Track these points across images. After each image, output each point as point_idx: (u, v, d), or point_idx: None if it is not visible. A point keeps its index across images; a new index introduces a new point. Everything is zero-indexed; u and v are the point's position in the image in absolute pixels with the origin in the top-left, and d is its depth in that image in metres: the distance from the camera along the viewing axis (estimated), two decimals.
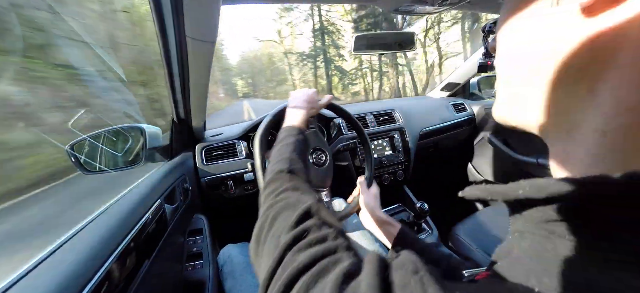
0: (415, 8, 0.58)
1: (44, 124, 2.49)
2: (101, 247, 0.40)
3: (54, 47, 2.47)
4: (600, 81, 0.15)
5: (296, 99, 0.61)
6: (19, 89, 2.32)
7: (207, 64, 0.60)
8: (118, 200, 0.55)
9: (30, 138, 2.34)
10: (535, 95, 0.19)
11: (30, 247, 0.42)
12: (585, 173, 0.15)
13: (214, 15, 0.46)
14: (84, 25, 2.62)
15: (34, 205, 2.21)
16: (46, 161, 2.33)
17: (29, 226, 1.92)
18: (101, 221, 0.46)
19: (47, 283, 0.32)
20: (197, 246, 0.77)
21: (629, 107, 0.14)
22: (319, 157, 0.71)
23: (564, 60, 0.16)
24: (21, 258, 0.35)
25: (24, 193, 2.21)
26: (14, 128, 2.34)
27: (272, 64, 31.76)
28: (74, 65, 2.60)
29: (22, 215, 2.10)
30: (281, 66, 29.43)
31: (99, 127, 0.67)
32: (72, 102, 2.62)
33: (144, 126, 0.72)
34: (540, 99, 0.18)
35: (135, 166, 0.71)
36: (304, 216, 0.26)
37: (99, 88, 2.62)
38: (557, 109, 0.18)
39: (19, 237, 1.79)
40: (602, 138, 0.15)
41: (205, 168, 0.91)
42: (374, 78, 15.56)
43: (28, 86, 2.36)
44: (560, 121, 0.18)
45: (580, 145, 0.17)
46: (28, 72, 2.35)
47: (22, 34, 1.96)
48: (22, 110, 2.33)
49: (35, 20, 2.25)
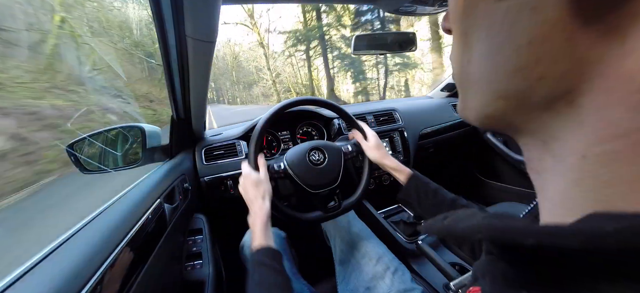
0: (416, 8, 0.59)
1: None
2: (100, 247, 0.40)
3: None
4: (585, 97, 0.12)
5: (248, 201, 0.60)
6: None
7: (207, 64, 0.60)
8: (118, 199, 0.55)
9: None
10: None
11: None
12: (561, 197, 0.14)
13: (214, 15, 0.46)
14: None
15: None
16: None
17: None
18: (101, 221, 0.46)
19: (47, 282, 0.32)
20: (196, 246, 0.76)
21: (618, 134, 0.11)
22: (318, 157, 0.71)
23: (543, 67, 0.13)
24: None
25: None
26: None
27: (238, 64, 29.15)
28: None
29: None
30: (249, 65, 26.59)
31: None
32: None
33: (144, 125, 0.72)
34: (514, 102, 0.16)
35: (134, 166, 0.71)
36: None
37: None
38: (528, 118, 0.15)
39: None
40: (582, 161, 0.13)
41: (205, 168, 0.91)
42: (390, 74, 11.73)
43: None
44: (534, 130, 0.15)
45: (558, 162, 0.14)
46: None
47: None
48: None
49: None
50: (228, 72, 31.26)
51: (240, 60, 29.00)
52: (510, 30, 0.13)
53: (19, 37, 4.38)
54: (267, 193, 0.60)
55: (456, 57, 0.18)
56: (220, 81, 33.45)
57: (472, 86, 0.17)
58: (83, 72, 5.72)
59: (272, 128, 1.10)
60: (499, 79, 0.15)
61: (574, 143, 0.13)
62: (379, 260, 0.66)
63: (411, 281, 0.63)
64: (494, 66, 0.15)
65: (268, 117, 0.68)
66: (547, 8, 0.11)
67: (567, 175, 0.14)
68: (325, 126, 1.16)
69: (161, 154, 0.81)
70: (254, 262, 0.49)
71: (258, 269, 0.47)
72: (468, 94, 0.18)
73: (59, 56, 5.06)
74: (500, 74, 0.15)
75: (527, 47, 0.13)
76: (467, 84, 0.18)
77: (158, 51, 0.58)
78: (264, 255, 0.50)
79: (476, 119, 0.18)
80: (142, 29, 11.50)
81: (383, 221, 1.04)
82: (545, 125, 0.14)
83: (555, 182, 0.15)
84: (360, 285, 0.63)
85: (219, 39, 0.52)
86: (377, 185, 1.15)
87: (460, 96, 0.19)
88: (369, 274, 0.63)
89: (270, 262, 0.49)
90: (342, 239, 0.74)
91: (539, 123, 0.15)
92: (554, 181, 0.15)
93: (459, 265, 0.84)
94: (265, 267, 0.48)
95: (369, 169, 0.77)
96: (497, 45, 0.14)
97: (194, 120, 0.85)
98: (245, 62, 28.28)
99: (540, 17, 0.12)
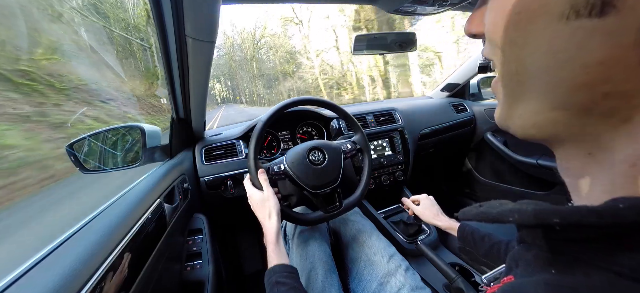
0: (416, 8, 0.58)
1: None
2: (100, 246, 0.40)
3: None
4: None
5: (259, 219, 0.61)
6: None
7: (207, 64, 0.60)
8: (117, 199, 0.55)
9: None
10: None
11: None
12: (602, 199, 0.14)
13: (214, 15, 0.46)
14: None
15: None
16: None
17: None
18: (101, 221, 0.46)
19: (46, 282, 0.32)
20: (196, 246, 0.76)
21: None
22: (318, 157, 0.71)
23: (611, 85, 0.14)
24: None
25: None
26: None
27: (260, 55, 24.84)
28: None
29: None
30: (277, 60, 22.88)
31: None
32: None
33: (144, 125, 0.72)
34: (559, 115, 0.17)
35: (134, 166, 0.71)
36: None
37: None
38: (581, 129, 0.16)
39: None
40: (630, 169, 0.14)
41: (205, 168, 0.91)
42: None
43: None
44: (582, 140, 0.17)
45: (603, 169, 0.16)
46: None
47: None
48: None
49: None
50: (247, 63, 26.29)
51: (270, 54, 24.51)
52: (578, 50, 0.13)
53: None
54: (273, 210, 0.60)
55: (502, 66, 0.18)
56: (238, 75, 29.33)
57: (524, 95, 0.17)
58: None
59: (272, 128, 1.10)
60: (560, 92, 0.15)
61: (624, 152, 0.14)
62: (391, 258, 0.67)
63: (420, 280, 0.64)
64: (555, 79, 0.15)
65: (268, 117, 0.68)
66: (624, 34, 0.12)
67: (615, 180, 0.15)
68: (325, 126, 1.16)
69: (161, 154, 0.80)
70: (270, 282, 0.49)
71: (275, 288, 0.48)
72: (517, 103, 0.18)
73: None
74: (562, 88, 0.15)
75: (597, 67, 0.13)
76: (518, 93, 0.18)
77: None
78: (280, 273, 0.50)
79: (522, 128, 0.18)
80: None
81: (383, 221, 1.04)
82: (595, 136, 0.15)
83: (598, 186, 0.16)
84: (373, 280, 0.64)
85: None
86: (377, 185, 1.15)
87: (505, 104, 0.19)
88: (382, 270, 0.64)
89: (287, 280, 0.49)
90: (353, 236, 0.75)
91: (589, 135, 0.16)
92: (596, 185, 0.16)
93: (459, 265, 0.84)
94: (282, 286, 0.48)
95: (369, 169, 0.78)
96: (561, 61, 0.14)
97: (194, 120, 0.85)
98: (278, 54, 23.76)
99: (615, 41, 0.12)
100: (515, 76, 0.17)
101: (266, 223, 0.59)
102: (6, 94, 3.99)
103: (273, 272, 0.50)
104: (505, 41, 0.17)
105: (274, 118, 0.69)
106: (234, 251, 1.30)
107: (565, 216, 0.15)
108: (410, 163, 1.20)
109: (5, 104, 3.80)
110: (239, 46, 26.52)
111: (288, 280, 0.49)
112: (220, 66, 36.06)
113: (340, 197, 0.72)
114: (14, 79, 4.19)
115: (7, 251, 2.06)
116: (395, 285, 0.61)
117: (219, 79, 38.01)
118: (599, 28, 0.12)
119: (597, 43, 0.13)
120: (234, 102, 29.56)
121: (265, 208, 0.60)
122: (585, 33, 0.13)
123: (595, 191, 0.16)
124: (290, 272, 0.51)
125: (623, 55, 0.12)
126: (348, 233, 0.77)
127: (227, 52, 31.26)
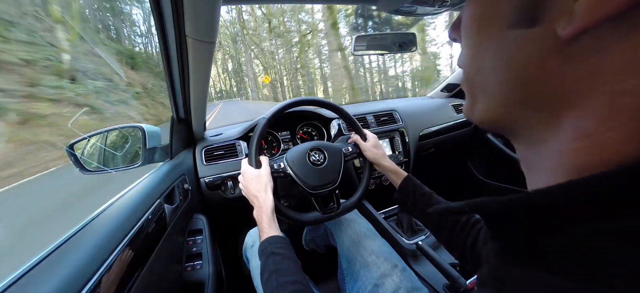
0: (416, 8, 0.58)
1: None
2: (100, 247, 0.40)
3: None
4: (566, 116, 0.16)
5: (251, 196, 0.60)
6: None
7: (207, 64, 0.60)
8: (118, 199, 0.55)
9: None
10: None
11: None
12: (544, 183, 0.16)
13: (214, 15, 0.46)
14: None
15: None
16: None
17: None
18: (100, 221, 0.46)
19: (47, 282, 0.32)
20: (196, 246, 0.76)
21: (584, 137, 0.15)
22: (318, 157, 0.70)
23: (531, 85, 0.17)
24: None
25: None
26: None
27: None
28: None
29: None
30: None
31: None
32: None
33: (144, 125, 0.72)
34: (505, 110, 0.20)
35: (135, 166, 0.71)
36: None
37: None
38: (524, 122, 0.19)
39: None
40: (561, 157, 0.16)
41: (205, 168, 0.91)
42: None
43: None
44: (528, 133, 0.19)
45: (542, 159, 0.18)
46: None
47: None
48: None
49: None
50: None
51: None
52: (517, 53, 0.17)
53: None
54: (268, 186, 0.60)
55: (466, 66, 0.21)
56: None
57: (480, 93, 0.21)
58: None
59: (272, 128, 1.10)
60: (505, 90, 0.18)
61: (554, 144, 0.17)
62: (387, 258, 0.66)
63: (417, 280, 0.63)
64: (500, 79, 0.18)
65: (268, 117, 0.68)
66: (546, 40, 0.15)
67: (551, 170, 0.17)
68: (325, 126, 1.16)
69: (161, 154, 0.80)
70: (265, 253, 0.50)
71: (270, 258, 0.48)
72: (476, 100, 0.21)
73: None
74: (506, 86, 0.18)
75: (529, 68, 0.16)
76: (476, 91, 0.21)
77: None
78: (274, 244, 0.51)
79: (480, 121, 0.22)
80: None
81: (383, 222, 1.04)
82: (535, 129, 0.18)
83: (539, 174, 0.19)
84: (368, 282, 0.64)
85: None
86: (377, 185, 1.15)
87: (468, 100, 0.22)
88: (377, 271, 0.64)
89: (281, 250, 0.50)
90: (349, 237, 0.75)
91: (530, 127, 0.18)
92: (537, 174, 0.19)
93: (459, 265, 0.84)
94: (277, 256, 0.49)
95: (369, 171, 0.77)
96: (506, 62, 0.18)
97: (194, 120, 0.84)
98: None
99: (541, 46, 0.15)
100: (475, 76, 0.21)
101: (262, 196, 0.58)
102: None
103: (268, 242, 0.51)
104: (468, 45, 0.21)
105: (276, 117, 0.69)
106: (234, 251, 1.29)
107: (506, 203, 0.17)
108: (410, 163, 1.19)
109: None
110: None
111: (282, 250, 0.50)
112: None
113: (338, 199, 0.72)
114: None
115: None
116: (390, 286, 0.60)
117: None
118: (530, 35, 0.16)
119: (529, 48, 0.16)
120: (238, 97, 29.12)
121: (260, 182, 0.60)
122: (522, 39, 0.16)
123: (539, 177, 0.19)
124: (284, 243, 0.52)
125: (547, 58, 0.15)
126: (344, 234, 0.76)
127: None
